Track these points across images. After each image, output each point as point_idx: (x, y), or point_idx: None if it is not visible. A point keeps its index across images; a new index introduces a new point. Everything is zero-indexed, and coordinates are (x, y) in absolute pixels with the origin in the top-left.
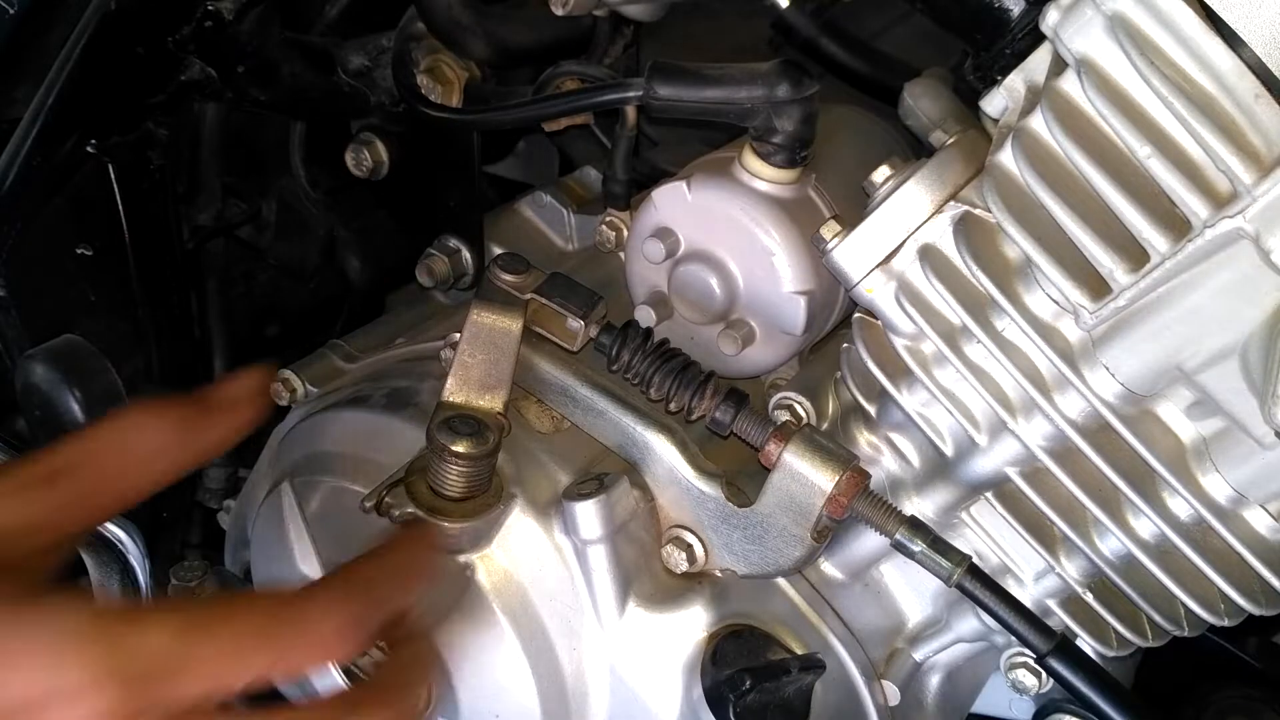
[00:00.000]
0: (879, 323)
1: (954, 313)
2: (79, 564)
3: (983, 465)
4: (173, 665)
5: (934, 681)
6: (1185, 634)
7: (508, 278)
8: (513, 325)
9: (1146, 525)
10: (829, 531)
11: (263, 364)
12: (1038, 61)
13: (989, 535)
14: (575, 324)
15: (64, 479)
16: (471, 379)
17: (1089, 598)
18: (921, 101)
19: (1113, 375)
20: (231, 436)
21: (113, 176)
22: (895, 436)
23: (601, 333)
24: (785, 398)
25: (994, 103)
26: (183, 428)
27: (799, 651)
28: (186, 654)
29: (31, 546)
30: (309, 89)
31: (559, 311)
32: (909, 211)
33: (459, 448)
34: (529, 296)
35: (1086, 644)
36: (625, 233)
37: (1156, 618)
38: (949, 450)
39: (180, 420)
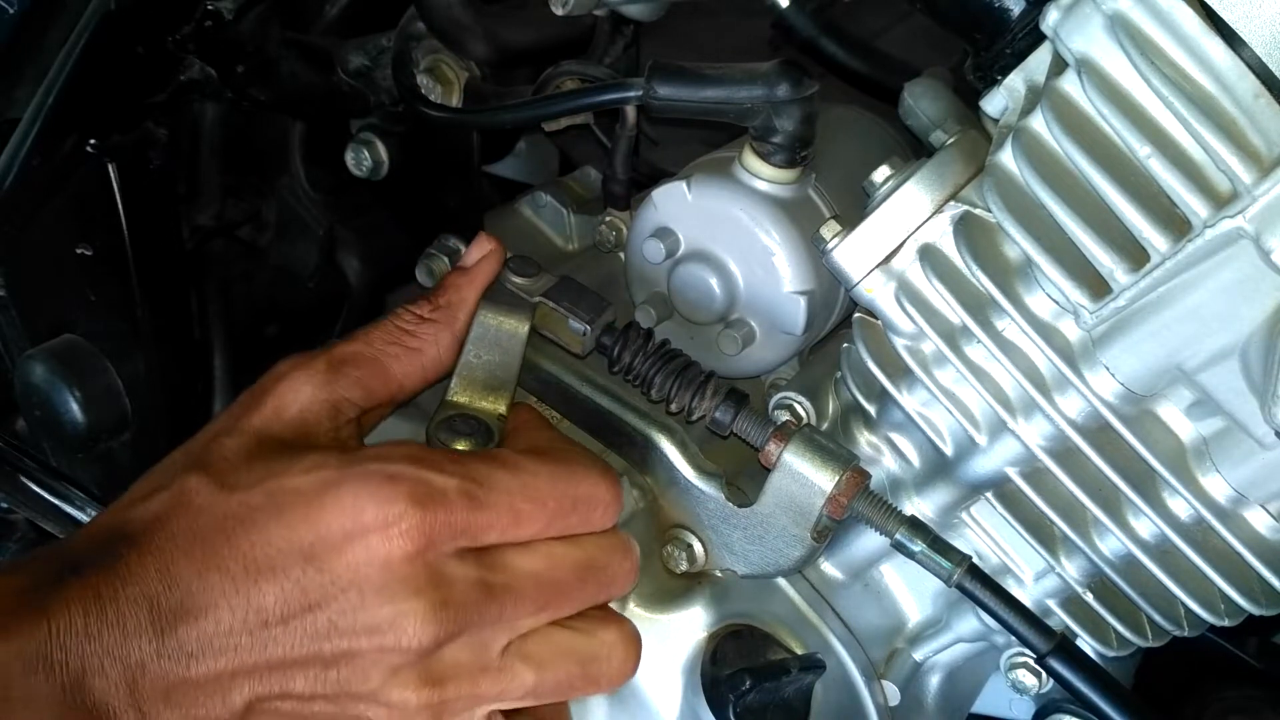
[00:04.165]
0: (879, 323)
1: (954, 313)
2: None
3: (983, 465)
4: (467, 504)
5: (934, 681)
6: (1185, 634)
7: (517, 280)
8: (519, 328)
9: (1146, 525)
10: (829, 531)
11: (483, 241)
12: (1038, 61)
13: (989, 535)
14: (582, 329)
15: (351, 367)
16: (476, 379)
17: (1089, 598)
18: (921, 101)
19: (1113, 375)
20: (467, 318)
21: (113, 176)
22: (895, 436)
23: (603, 334)
24: (785, 398)
25: (994, 103)
26: (445, 323)
27: (799, 651)
28: (480, 499)
29: (324, 429)
30: (309, 89)
31: (566, 316)
32: (909, 211)
33: (459, 447)
34: (537, 300)
35: (1086, 644)
36: (625, 233)
37: (1156, 618)
38: (949, 450)
39: (441, 315)
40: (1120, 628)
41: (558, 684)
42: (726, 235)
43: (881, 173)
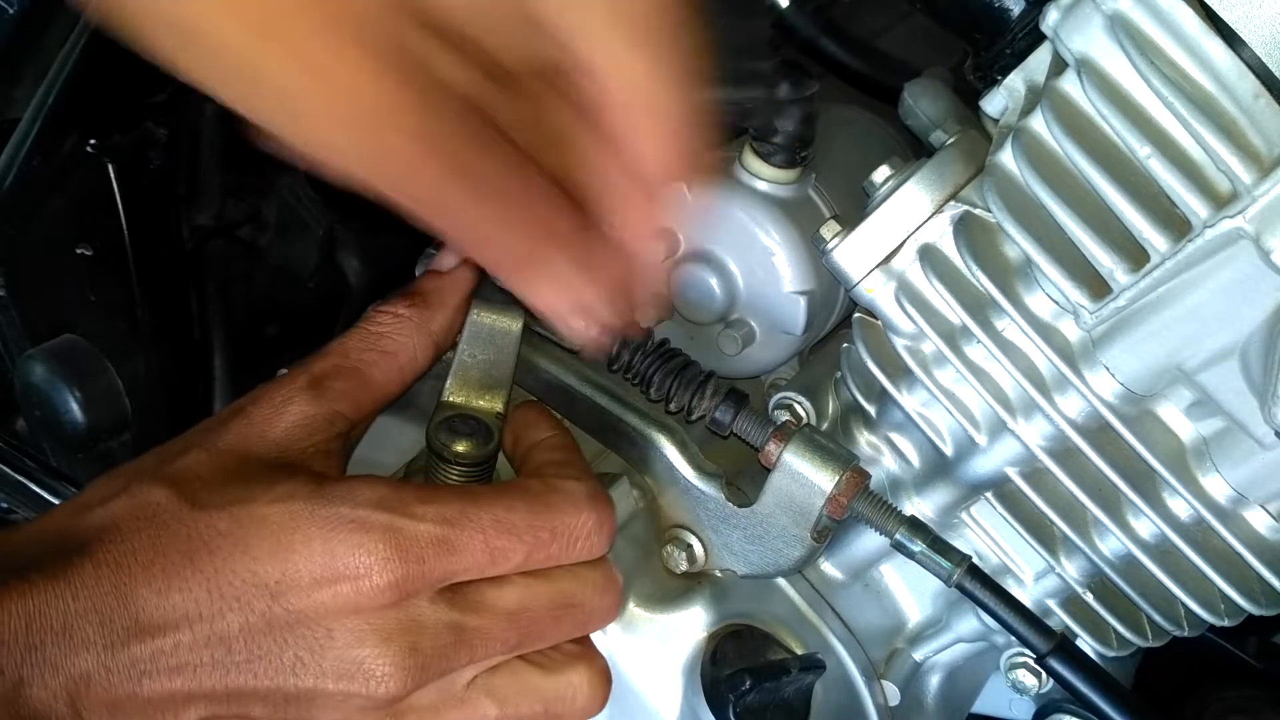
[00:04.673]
0: (879, 323)
1: (954, 313)
2: None
3: (983, 465)
4: (440, 551)
5: (934, 681)
6: (1185, 634)
7: None
8: (513, 325)
9: (1146, 525)
10: (829, 532)
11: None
12: (1038, 61)
13: (989, 535)
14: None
15: (333, 380)
16: (471, 379)
17: (1089, 598)
18: (921, 101)
19: (1113, 375)
20: (457, 315)
21: (113, 176)
22: (895, 436)
23: None
24: (785, 398)
25: (994, 103)
26: (420, 322)
27: (799, 651)
28: (453, 542)
29: (313, 443)
30: None
31: None
32: (909, 211)
33: (459, 447)
34: None
35: (1086, 644)
36: None
37: (1156, 618)
38: (949, 450)
39: (415, 313)
40: (1120, 628)
41: (519, 719)
42: (726, 235)
43: (881, 173)
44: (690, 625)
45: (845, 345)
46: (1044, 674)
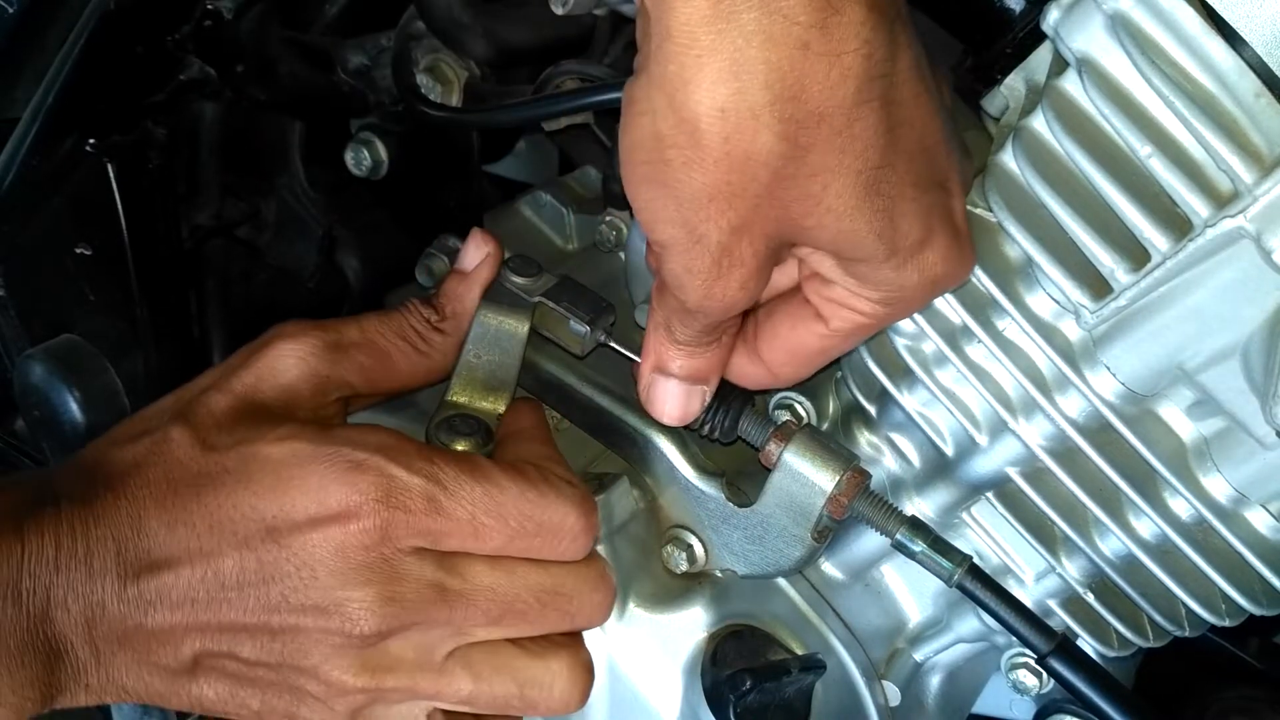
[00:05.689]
0: None
1: (955, 312)
2: None
3: (983, 465)
4: (428, 507)
5: (935, 682)
6: (1186, 634)
7: (518, 280)
8: (519, 328)
9: (1147, 525)
10: (829, 532)
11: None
12: (1038, 61)
13: (990, 535)
14: (582, 330)
15: (357, 353)
16: (476, 379)
17: (1090, 598)
18: None
19: (1114, 375)
20: (470, 322)
21: (111, 176)
22: (896, 436)
23: (608, 336)
24: (785, 398)
25: (995, 102)
26: (452, 333)
27: (799, 652)
28: (441, 503)
29: (315, 403)
30: (308, 88)
31: (566, 317)
32: None
33: (459, 447)
34: (537, 300)
35: (1087, 644)
36: (625, 232)
37: (1157, 618)
38: (950, 450)
39: (449, 325)
40: (1121, 628)
41: (494, 698)
42: None
43: None
44: (691, 625)
45: None
46: (1045, 674)
